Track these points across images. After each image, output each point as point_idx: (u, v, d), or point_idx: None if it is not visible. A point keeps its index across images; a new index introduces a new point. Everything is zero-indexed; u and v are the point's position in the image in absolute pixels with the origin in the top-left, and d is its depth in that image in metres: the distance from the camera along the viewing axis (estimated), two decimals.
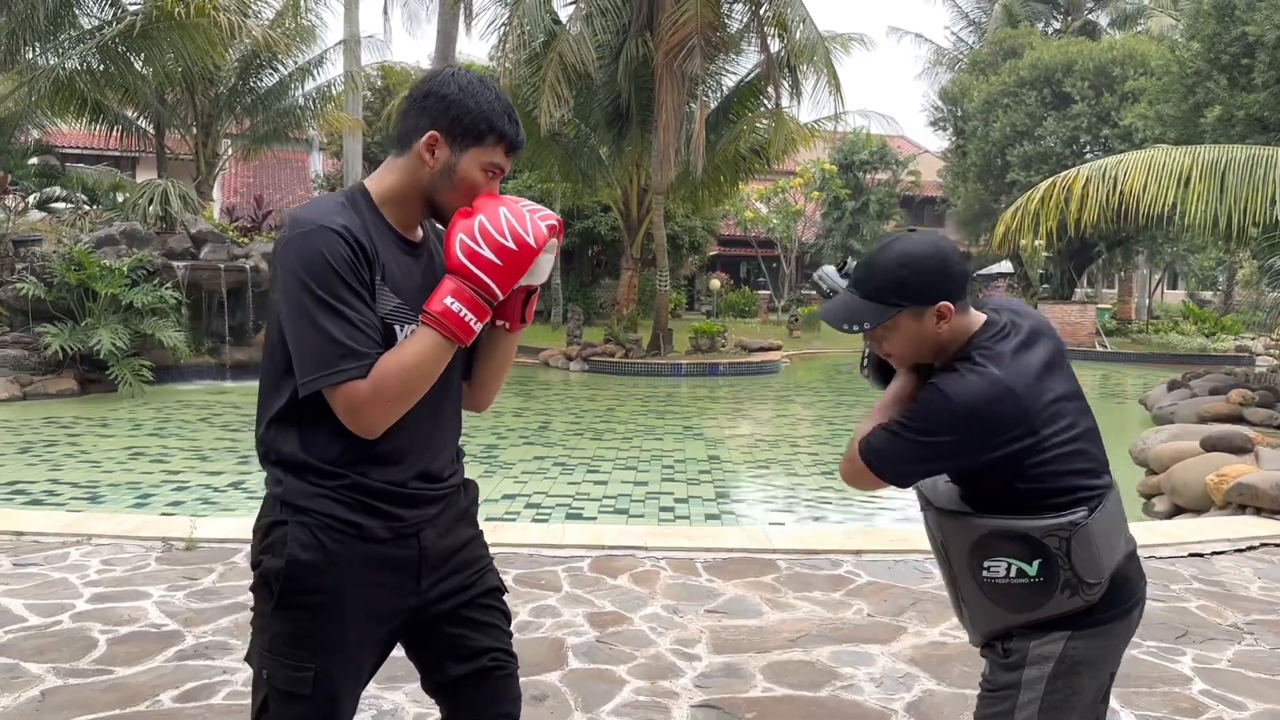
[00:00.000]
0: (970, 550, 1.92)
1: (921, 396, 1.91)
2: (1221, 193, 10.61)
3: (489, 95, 1.84)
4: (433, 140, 1.81)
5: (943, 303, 1.89)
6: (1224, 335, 27.96)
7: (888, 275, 1.91)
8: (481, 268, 1.75)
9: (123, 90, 18.92)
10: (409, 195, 1.86)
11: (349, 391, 1.70)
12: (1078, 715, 1.93)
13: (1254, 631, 4.32)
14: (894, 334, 1.94)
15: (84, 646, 3.88)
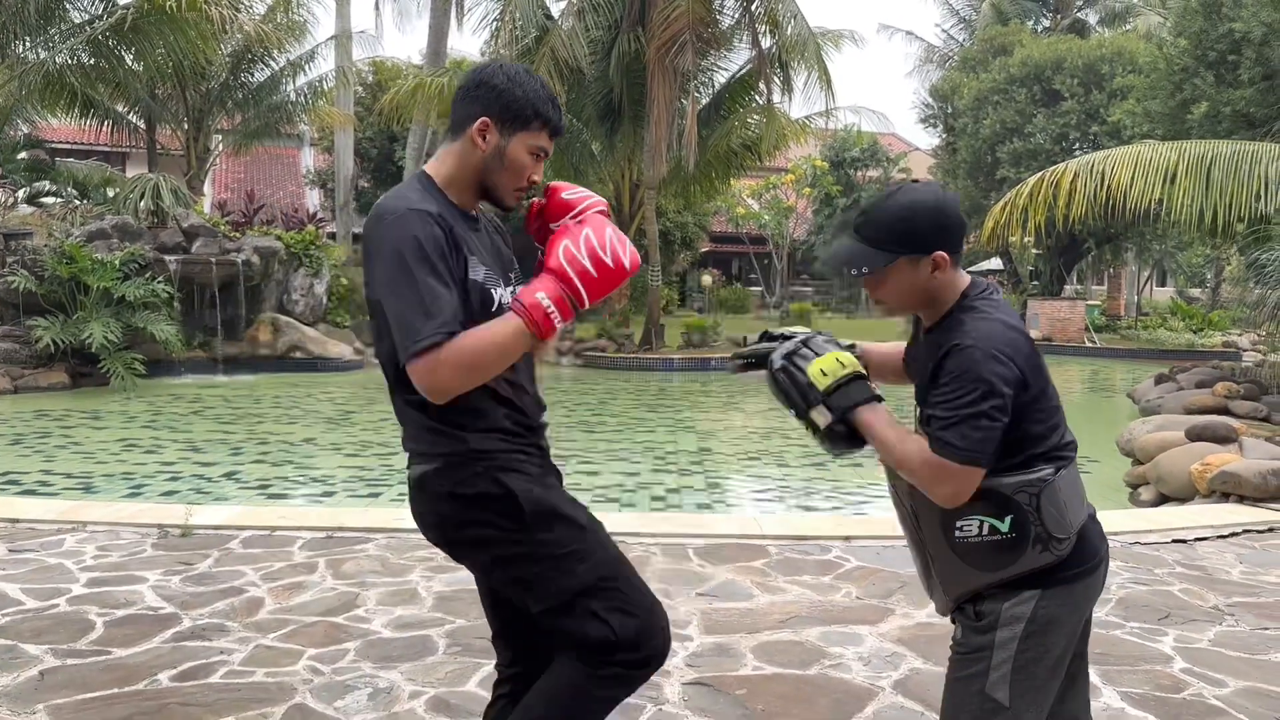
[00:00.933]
0: (943, 512, 1.95)
1: (956, 366, 1.88)
2: (1207, 188, 10.70)
3: (534, 84, 2.04)
4: (484, 126, 2.01)
5: (939, 253, 1.95)
6: (1211, 331, 28.10)
7: (889, 223, 1.96)
8: (579, 274, 1.93)
9: (113, 85, 18.89)
10: (465, 177, 2.06)
11: (430, 358, 1.85)
12: (1048, 672, 1.98)
13: (1234, 613, 4.40)
14: (889, 281, 2.00)
15: (81, 628, 3.93)
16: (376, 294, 1.93)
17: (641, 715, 3.23)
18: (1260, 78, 13.73)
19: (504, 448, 2.03)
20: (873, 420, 1.99)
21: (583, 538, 2.07)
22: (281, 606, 4.22)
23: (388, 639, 3.87)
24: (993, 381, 1.85)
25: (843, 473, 8.95)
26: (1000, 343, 1.89)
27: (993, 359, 1.86)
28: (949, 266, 1.97)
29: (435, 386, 1.88)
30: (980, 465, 1.86)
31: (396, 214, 1.92)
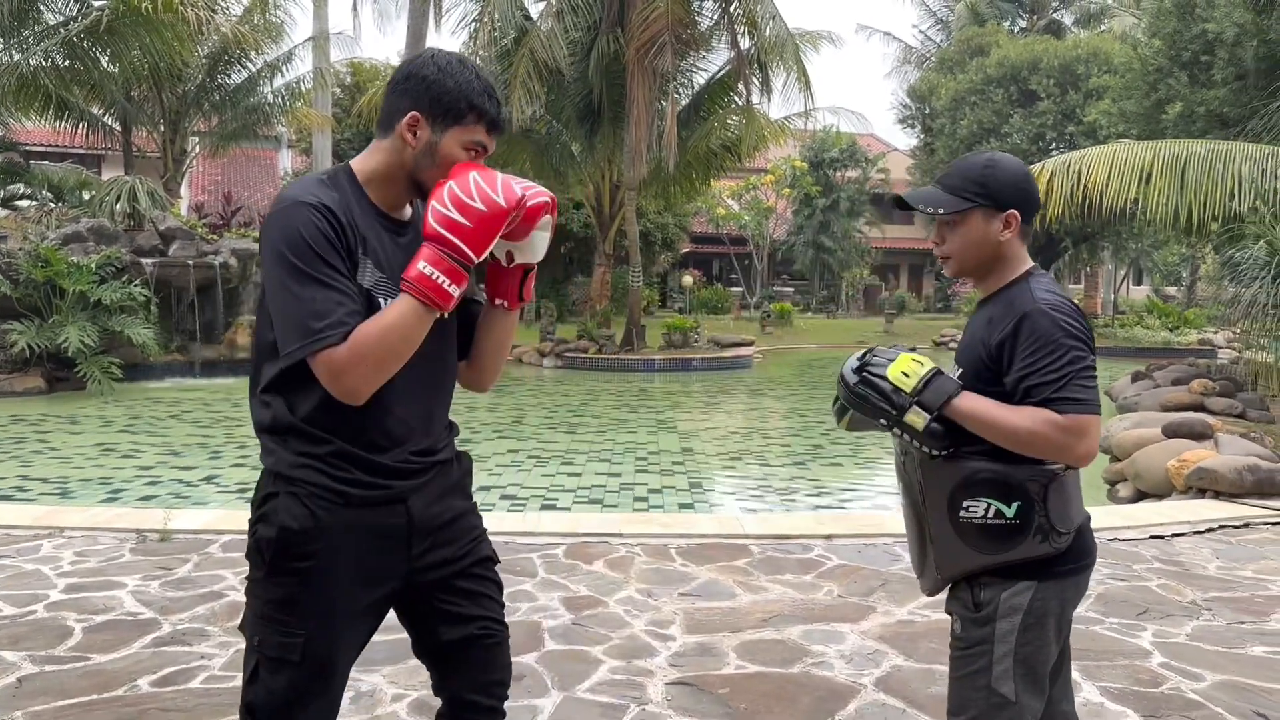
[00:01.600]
0: (953, 490, 1.98)
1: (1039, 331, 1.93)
2: (1182, 187, 10.80)
3: (468, 75, 1.88)
4: (414, 120, 1.86)
5: (1012, 211, 2.01)
6: (1187, 329, 28.39)
7: (972, 172, 2.04)
8: (452, 230, 1.77)
9: (89, 87, 18.72)
10: (393, 175, 1.91)
11: (328, 357, 1.73)
12: (1046, 665, 2.02)
13: (1211, 607, 4.44)
14: (961, 230, 2.05)
15: (59, 635, 3.89)
16: (265, 286, 1.83)
17: (625, 715, 3.23)
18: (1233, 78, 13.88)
19: (310, 478, 1.84)
20: (974, 405, 1.97)
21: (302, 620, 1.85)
22: None
23: (372, 642, 3.84)
24: (1082, 340, 1.93)
25: (823, 472, 8.98)
26: (1070, 311, 1.96)
27: (1070, 322, 1.93)
28: (1019, 233, 2.04)
29: (344, 388, 1.75)
30: (1095, 412, 1.91)
31: (283, 205, 1.80)
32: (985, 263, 2.07)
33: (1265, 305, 10.35)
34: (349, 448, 1.85)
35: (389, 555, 1.93)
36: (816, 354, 24.38)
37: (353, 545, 1.87)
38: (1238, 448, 7.35)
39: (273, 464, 1.87)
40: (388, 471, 1.89)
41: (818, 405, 14.15)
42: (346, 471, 1.85)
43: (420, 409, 1.95)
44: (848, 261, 36.15)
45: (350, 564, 1.88)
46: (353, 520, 1.87)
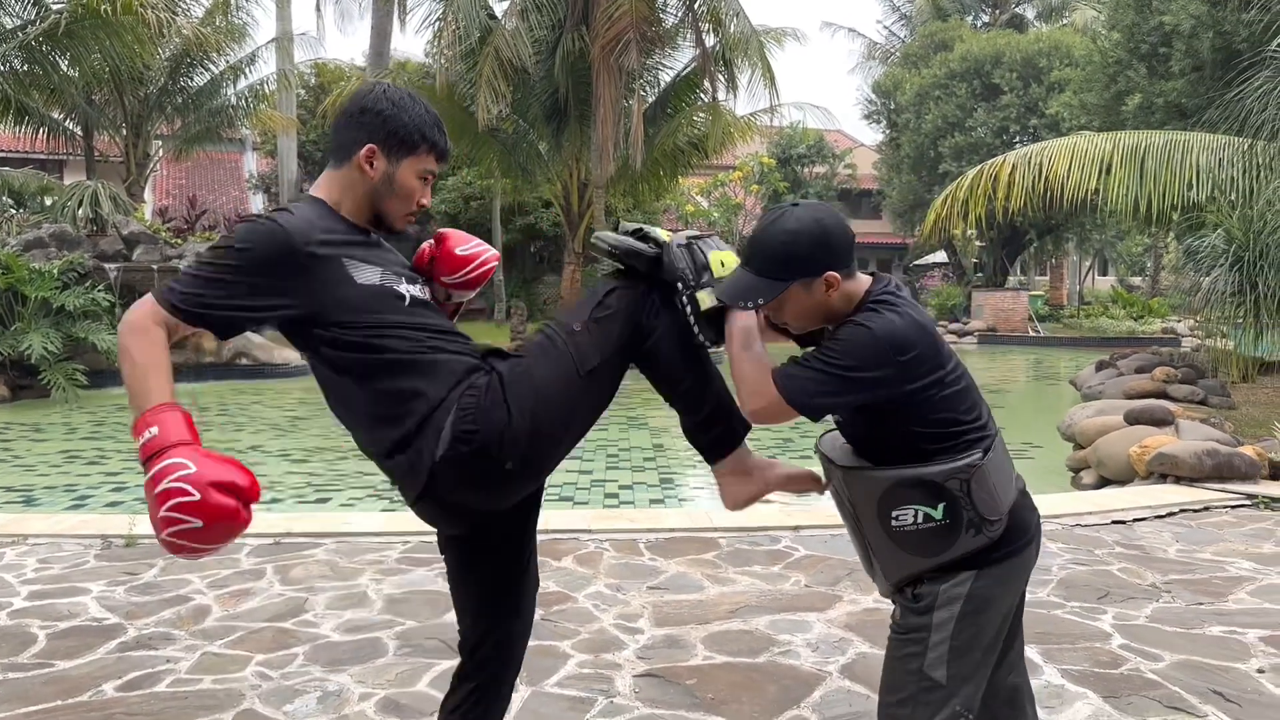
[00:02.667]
0: (878, 502, 1.99)
1: (844, 333, 1.94)
2: (1141, 177, 10.97)
3: (419, 109, 2.03)
4: (370, 152, 2.00)
5: (829, 272, 1.97)
6: (1151, 318, 28.76)
7: (773, 252, 1.97)
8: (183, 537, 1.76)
9: (48, 91, 18.50)
10: (354, 203, 2.05)
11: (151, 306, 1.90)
12: (984, 651, 2.03)
13: (1171, 590, 4.52)
14: (787, 305, 2.03)
15: (22, 642, 3.86)
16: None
17: (593, 708, 3.25)
18: (1190, 69, 14.09)
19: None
20: (743, 321, 2.02)
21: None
22: (229, 613, 4.18)
23: (337, 642, 3.85)
24: (861, 358, 1.90)
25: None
26: (896, 331, 1.91)
27: (874, 345, 1.90)
28: (841, 283, 2.00)
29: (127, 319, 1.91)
30: (793, 403, 1.93)
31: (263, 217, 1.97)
32: (823, 320, 2.07)
33: (1224, 293, 10.53)
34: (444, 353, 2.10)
35: None
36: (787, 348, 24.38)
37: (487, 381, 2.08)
38: (1198, 433, 7.47)
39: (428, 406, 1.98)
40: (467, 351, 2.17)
41: None
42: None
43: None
44: None
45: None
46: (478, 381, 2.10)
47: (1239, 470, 6.60)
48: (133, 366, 1.85)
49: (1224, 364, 11.64)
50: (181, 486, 1.73)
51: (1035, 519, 2.12)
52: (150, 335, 1.87)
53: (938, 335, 2.00)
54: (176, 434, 1.81)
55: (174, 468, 1.75)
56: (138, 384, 1.85)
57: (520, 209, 29.17)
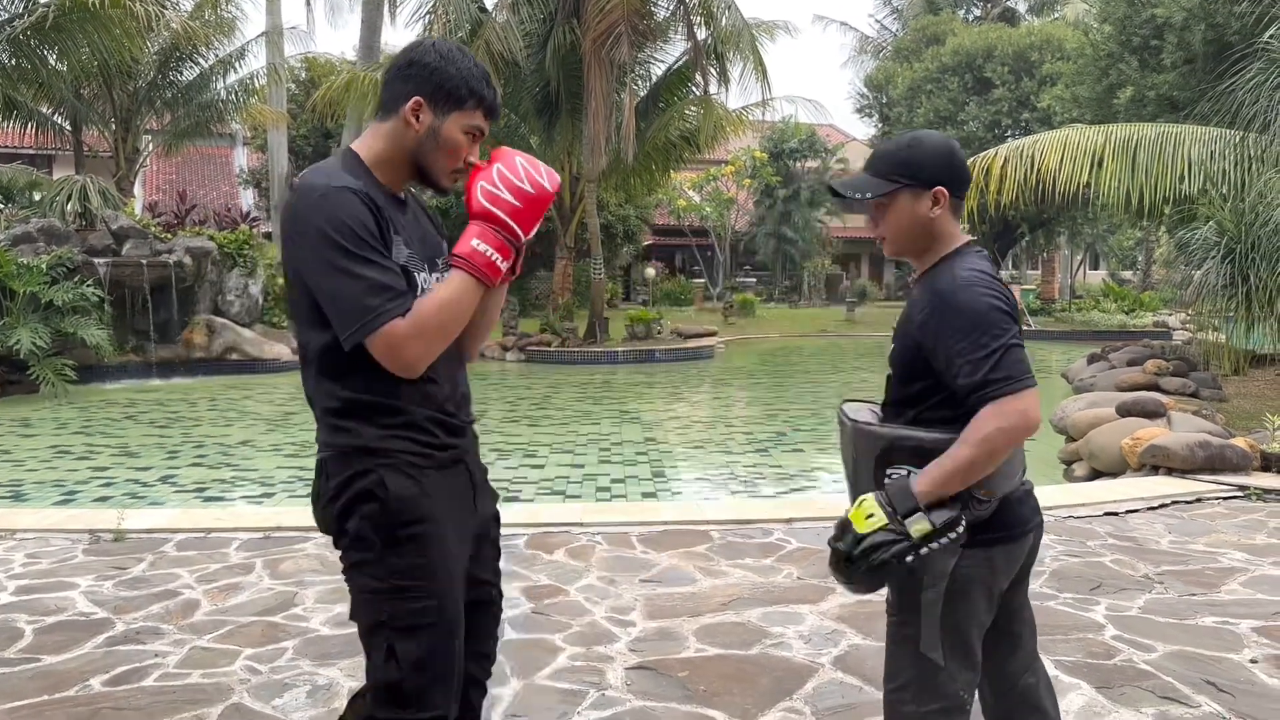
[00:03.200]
0: (875, 459, 2.03)
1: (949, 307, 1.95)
2: (1133, 170, 10.97)
3: (468, 62, 1.98)
4: (417, 105, 1.95)
5: (939, 187, 2.02)
6: (1143, 312, 28.82)
7: (895, 154, 2.06)
8: (504, 209, 1.89)
9: (36, 85, 18.37)
10: (396, 158, 1.99)
11: (390, 330, 1.81)
12: (975, 633, 2.05)
13: (1163, 581, 4.51)
14: (890, 211, 2.07)
15: (9, 637, 3.83)
16: (305, 275, 1.86)
17: (584, 701, 3.23)
18: (1182, 61, 14.08)
19: (401, 447, 1.93)
20: (933, 473, 1.93)
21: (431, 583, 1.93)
22: (218, 608, 4.16)
23: (326, 636, 3.83)
24: (1002, 313, 1.93)
25: (786, 458, 9.03)
26: (987, 285, 1.96)
27: (990, 294, 1.94)
28: (948, 208, 2.04)
29: (404, 362, 1.84)
30: (1030, 385, 1.90)
31: (320, 191, 1.85)
32: (918, 241, 2.09)
33: (1216, 285, 10.53)
34: (423, 412, 1.95)
35: (468, 514, 2.06)
36: (779, 343, 24.48)
37: (446, 504, 1.98)
38: (1190, 425, 7.47)
39: (351, 440, 1.92)
40: (452, 430, 2.02)
41: (780, 394, 14.25)
42: (427, 435, 1.96)
43: (453, 372, 2.06)
44: (809, 251, 36.31)
45: (454, 523, 1.99)
46: (440, 482, 1.97)
47: (1231, 462, 6.60)
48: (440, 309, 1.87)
49: (1216, 357, 11.65)
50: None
51: (1033, 519, 2.11)
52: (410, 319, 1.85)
53: (1014, 306, 2.01)
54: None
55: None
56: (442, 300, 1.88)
57: None
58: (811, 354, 21.57)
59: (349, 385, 1.91)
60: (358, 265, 1.81)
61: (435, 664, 1.94)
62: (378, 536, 1.91)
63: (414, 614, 1.91)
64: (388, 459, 1.91)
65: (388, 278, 1.83)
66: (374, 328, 1.80)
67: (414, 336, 1.83)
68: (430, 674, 1.93)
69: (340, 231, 1.81)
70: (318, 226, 1.82)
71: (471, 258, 1.88)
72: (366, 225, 1.84)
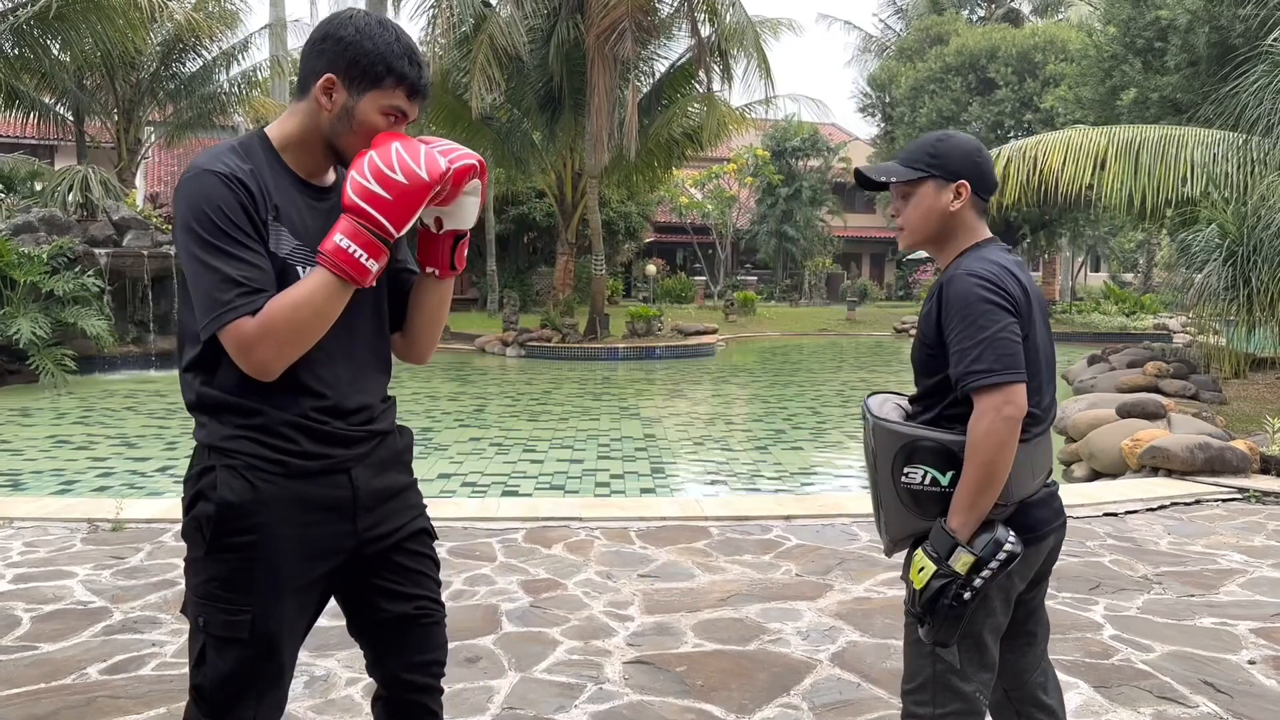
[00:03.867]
0: (894, 455, 2.03)
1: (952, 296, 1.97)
2: (1136, 172, 10.96)
3: (388, 36, 1.81)
4: (329, 83, 1.80)
5: (962, 181, 2.06)
6: (1143, 314, 28.80)
7: (924, 145, 2.12)
8: (372, 204, 1.71)
9: (39, 75, 18.38)
10: (309, 139, 1.85)
11: (237, 330, 1.69)
12: (991, 634, 2.04)
13: (1162, 582, 4.51)
14: (914, 200, 2.11)
15: (7, 625, 3.82)
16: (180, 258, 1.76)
17: (582, 694, 3.23)
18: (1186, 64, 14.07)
19: (247, 449, 1.79)
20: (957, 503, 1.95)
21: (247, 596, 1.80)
22: None
23: (324, 627, 3.80)
24: (992, 304, 1.93)
25: (785, 455, 9.02)
26: (988, 275, 1.97)
27: (983, 285, 1.95)
28: (970, 203, 2.08)
29: (253, 363, 1.71)
30: (1016, 380, 1.89)
31: (192, 173, 1.74)
32: (937, 233, 2.11)
33: (1217, 288, 10.53)
34: (282, 415, 1.79)
35: (334, 527, 1.88)
36: (779, 341, 24.48)
37: (296, 517, 1.82)
38: (1190, 427, 7.47)
39: (204, 437, 1.82)
40: (325, 438, 1.84)
41: (780, 391, 14.24)
42: (283, 440, 1.80)
43: (353, 377, 1.90)
44: (810, 250, 36.31)
45: (294, 537, 1.82)
46: (295, 491, 1.81)
47: (1230, 464, 6.60)
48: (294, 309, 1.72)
49: (1216, 359, 11.65)
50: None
51: (1054, 521, 2.10)
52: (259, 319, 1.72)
53: (1030, 299, 2.01)
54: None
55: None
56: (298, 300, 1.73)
57: (513, 198, 29.10)
58: (812, 352, 21.56)
59: (204, 379, 1.80)
60: (211, 255, 1.68)
61: (241, 680, 1.81)
62: (203, 538, 1.79)
63: (227, 625, 1.80)
64: (227, 459, 1.79)
65: (243, 271, 1.69)
66: (221, 324, 1.68)
67: (261, 338, 1.69)
68: (235, 689, 1.82)
69: (198, 218, 1.69)
70: (182, 211, 1.72)
71: (335, 255, 1.71)
72: (228, 212, 1.70)
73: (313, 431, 1.83)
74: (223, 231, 1.70)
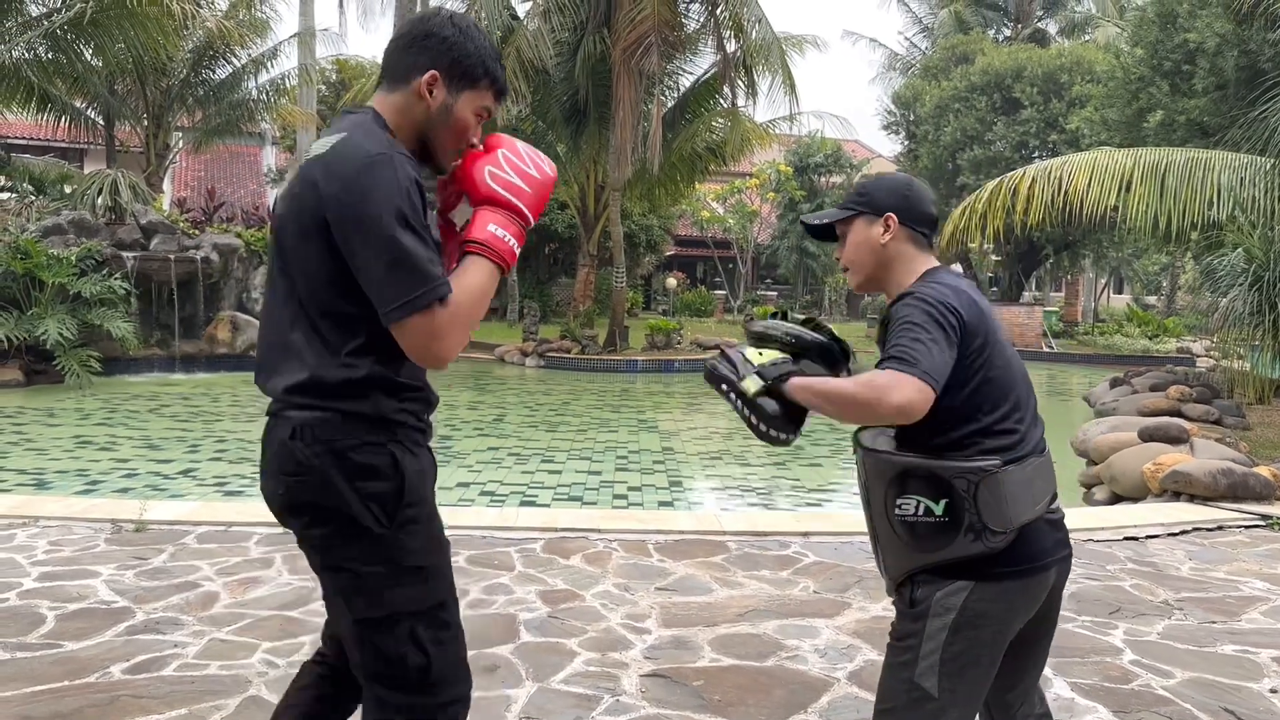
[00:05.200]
0: (886, 486, 2.00)
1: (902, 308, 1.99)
2: (1161, 194, 10.89)
3: (483, 39, 1.91)
4: (433, 80, 1.87)
5: (889, 213, 2.10)
6: (1166, 337, 28.58)
7: (856, 187, 2.21)
8: (514, 193, 1.85)
9: (71, 80, 18.61)
10: (404, 131, 1.89)
11: (431, 316, 1.71)
12: (977, 667, 1.97)
13: (1183, 607, 4.48)
14: (849, 239, 2.17)
15: (32, 622, 3.87)
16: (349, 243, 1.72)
17: (599, 706, 3.24)
18: (1214, 87, 14.00)
19: (410, 423, 1.88)
20: (803, 382, 2.02)
21: (439, 555, 1.91)
22: (236, 600, 4.19)
23: None
24: (930, 312, 1.94)
25: (803, 471, 9.01)
26: (934, 294, 1.98)
27: (925, 301, 1.96)
28: (902, 235, 2.11)
29: (439, 351, 1.74)
30: (930, 380, 1.84)
31: (377, 157, 1.72)
32: (874, 268, 2.15)
33: (1242, 313, 10.45)
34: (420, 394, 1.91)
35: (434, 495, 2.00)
36: None
37: (431, 485, 1.94)
38: (1213, 452, 7.42)
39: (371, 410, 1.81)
40: (430, 412, 1.97)
41: None
42: (422, 415, 1.92)
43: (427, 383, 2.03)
44: (831, 266, 36.17)
45: (434, 502, 1.95)
46: (426, 462, 1.93)
47: (1254, 490, 6.55)
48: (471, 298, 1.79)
49: (1240, 384, 11.55)
50: None
51: (1057, 552, 2.03)
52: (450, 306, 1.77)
53: (985, 314, 2.01)
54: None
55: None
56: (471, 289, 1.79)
57: None
58: None
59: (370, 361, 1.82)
60: (412, 239, 1.70)
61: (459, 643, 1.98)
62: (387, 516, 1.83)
63: (435, 593, 1.93)
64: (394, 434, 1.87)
65: (433, 259, 1.73)
66: (417, 307, 1.70)
67: (452, 325, 1.74)
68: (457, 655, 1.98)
69: (397, 201, 1.69)
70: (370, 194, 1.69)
71: (492, 243, 1.81)
72: (423, 198, 1.75)
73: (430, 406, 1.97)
74: (419, 218, 1.73)
